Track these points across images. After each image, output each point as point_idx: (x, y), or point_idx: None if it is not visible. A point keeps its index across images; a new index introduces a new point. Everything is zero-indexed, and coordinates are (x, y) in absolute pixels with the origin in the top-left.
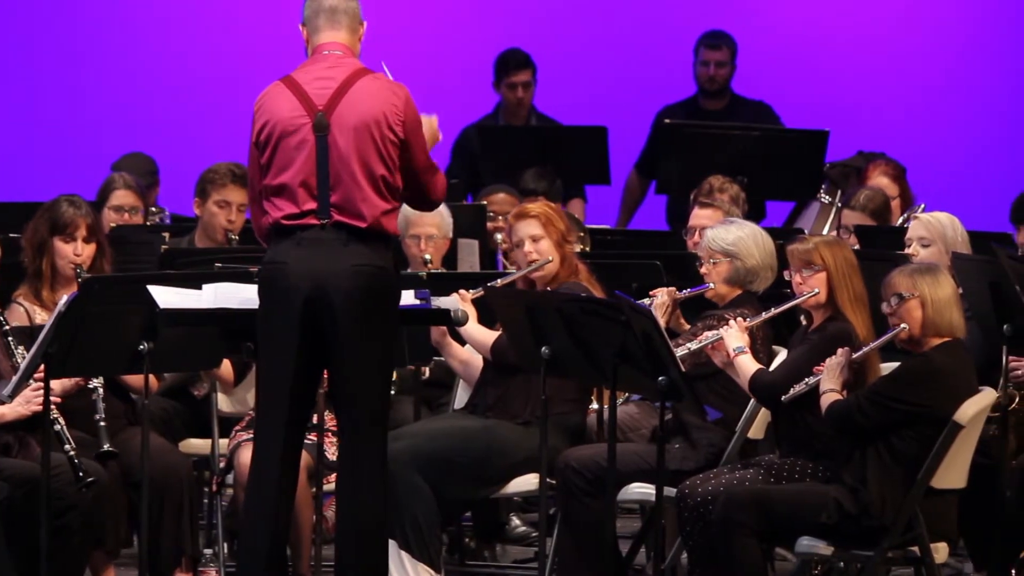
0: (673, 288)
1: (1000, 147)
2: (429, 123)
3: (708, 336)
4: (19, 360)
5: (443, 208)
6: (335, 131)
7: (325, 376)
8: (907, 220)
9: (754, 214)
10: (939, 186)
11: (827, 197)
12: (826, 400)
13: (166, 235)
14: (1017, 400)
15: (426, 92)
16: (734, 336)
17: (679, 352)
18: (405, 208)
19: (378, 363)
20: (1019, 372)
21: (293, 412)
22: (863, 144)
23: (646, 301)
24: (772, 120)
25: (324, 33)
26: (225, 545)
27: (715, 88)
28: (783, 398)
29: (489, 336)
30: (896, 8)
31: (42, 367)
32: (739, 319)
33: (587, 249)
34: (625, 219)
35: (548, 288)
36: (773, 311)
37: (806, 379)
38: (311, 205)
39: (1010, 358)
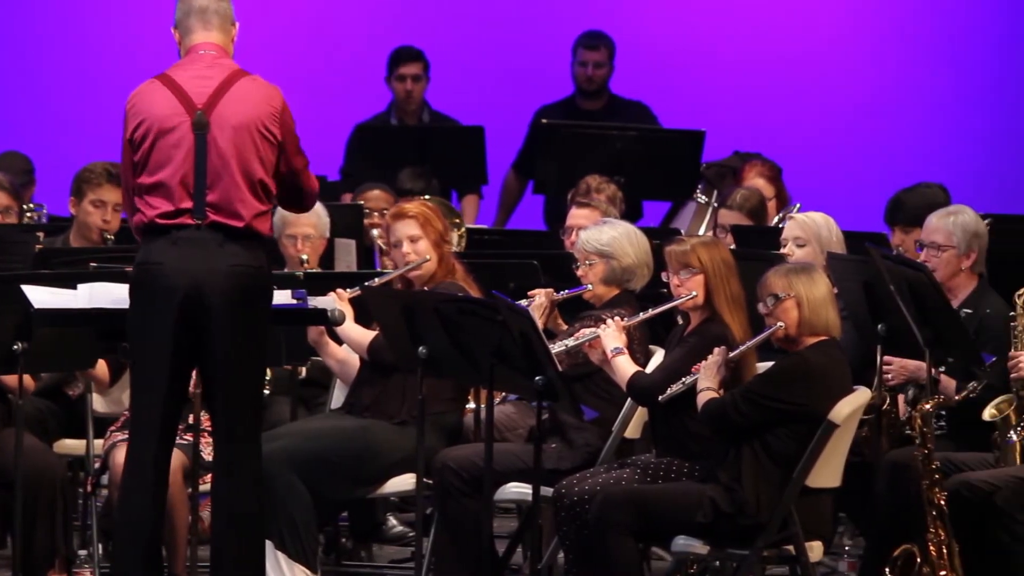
0: (551, 289)
1: (875, 148)
2: None
3: (585, 334)
4: None
5: (320, 207)
6: (214, 130)
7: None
8: (783, 220)
9: (631, 214)
10: (814, 186)
11: (703, 197)
12: (702, 399)
13: (40, 235)
14: (889, 400)
15: (320, 90)
16: (611, 336)
17: (556, 348)
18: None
19: (253, 363)
20: (890, 372)
21: (168, 412)
22: (739, 144)
23: (524, 302)
24: (649, 120)
25: (197, 34)
26: (100, 546)
27: (593, 88)
28: (660, 398)
29: (366, 336)
30: (771, 9)
31: None
32: (616, 319)
33: (461, 233)
34: (503, 219)
35: (425, 288)
36: (651, 312)
37: (683, 379)
38: (187, 204)
39: (884, 358)
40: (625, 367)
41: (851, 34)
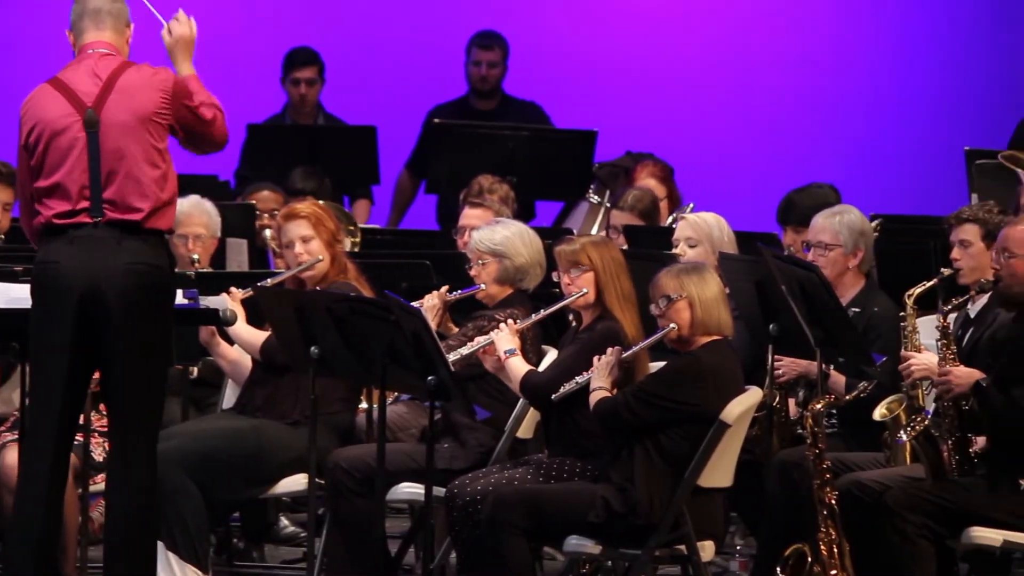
0: (444, 289)
1: (766, 149)
2: (182, 25)
3: (479, 341)
4: None
5: (211, 207)
6: (105, 127)
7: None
8: (674, 220)
9: (523, 214)
10: (706, 187)
11: (596, 197)
12: (594, 397)
13: None
14: (780, 399)
15: (214, 90)
16: (505, 339)
17: (452, 357)
18: None
19: (151, 362)
20: (782, 372)
21: (65, 412)
22: (632, 145)
23: (418, 303)
24: (542, 120)
25: (89, 34)
26: None
27: (487, 88)
28: (553, 397)
29: (258, 336)
30: (664, 10)
31: None
32: (510, 322)
33: (356, 241)
34: (396, 219)
35: (318, 288)
36: (543, 312)
37: (576, 378)
38: (84, 203)
39: (775, 357)
40: (518, 367)
41: (743, 35)
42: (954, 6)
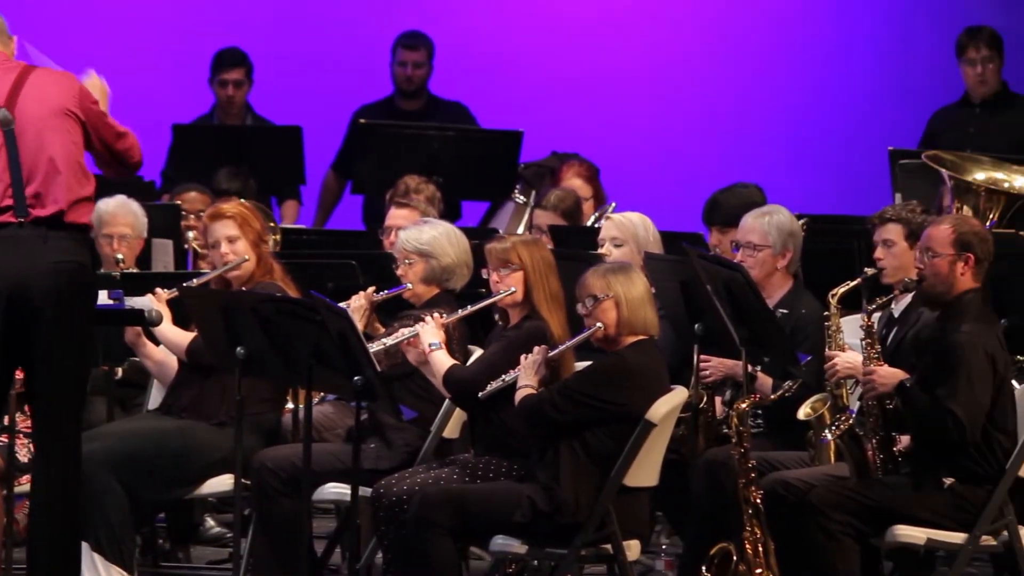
0: (371, 290)
1: (692, 148)
2: (94, 84)
3: (404, 332)
4: None
5: (136, 207)
6: (21, 124)
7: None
8: (599, 220)
9: (450, 214)
10: (632, 187)
11: (521, 197)
12: (520, 395)
13: None
14: (706, 399)
15: (141, 92)
16: (430, 332)
17: (375, 347)
18: (99, 207)
19: (78, 362)
20: (707, 371)
21: None
22: (558, 145)
23: (345, 303)
24: (468, 121)
25: None
26: None
27: (412, 88)
28: (480, 395)
29: (184, 337)
30: (590, 10)
31: None
32: (435, 315)
33: (276, 238)
34: (322, 219)
35: (244, 288)
36: (470, 309)
37: (503, 376)
38: (8, 202)
39: (701, 357)
40: (442, 361)
41: (667, 35)
42: (878, 8)
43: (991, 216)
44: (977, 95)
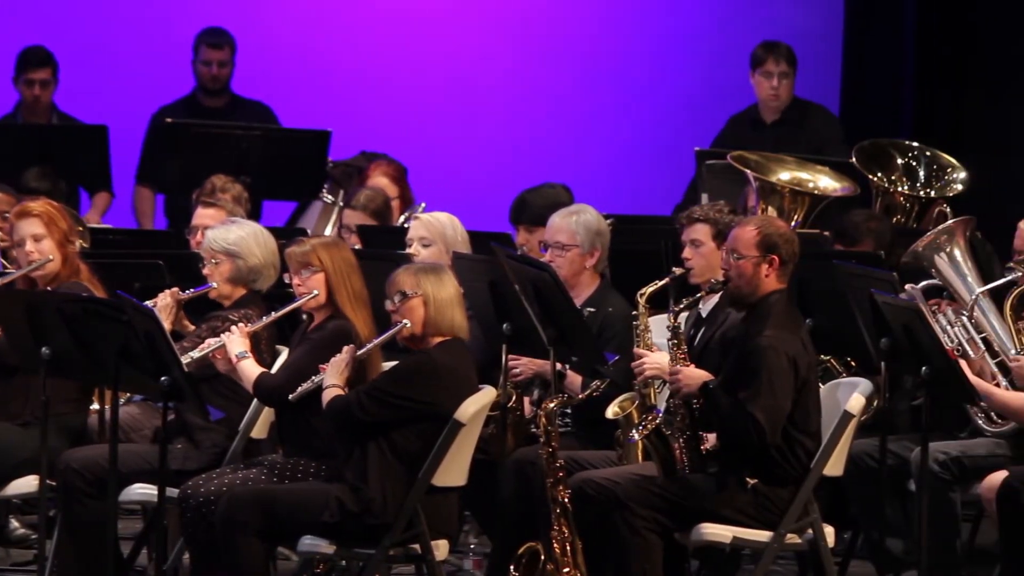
0: (176, 289)
1: (500, 148)
2: None
3: (211, 344)
4: None
5: None
6: None
7: None
8: (407, 220)
9: (257, 214)
10: (440, 187)
11: (330, 197)
12: (327, 396)
13: None
14: (515, 398)
15: None
16: (236, 342)
17: (183, 360)
18: None
19: None
20: (518, 371)
21: None
22: (367, 144)
23: (150, 302)
24: (271, 121)
25: None
26: None
27: (217, 87)
28: (291, 397)
29: None
30: (398, 9)
31: None
32: (241, 325)
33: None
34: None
35: (49, 288)
36: (275, 315)
37: (313, 377)
38: None
39: (509, 357)
40: (250, 370)
41: (475, 34)
42: (685, 9)
43: (796, 217)
44: (769, 112)
